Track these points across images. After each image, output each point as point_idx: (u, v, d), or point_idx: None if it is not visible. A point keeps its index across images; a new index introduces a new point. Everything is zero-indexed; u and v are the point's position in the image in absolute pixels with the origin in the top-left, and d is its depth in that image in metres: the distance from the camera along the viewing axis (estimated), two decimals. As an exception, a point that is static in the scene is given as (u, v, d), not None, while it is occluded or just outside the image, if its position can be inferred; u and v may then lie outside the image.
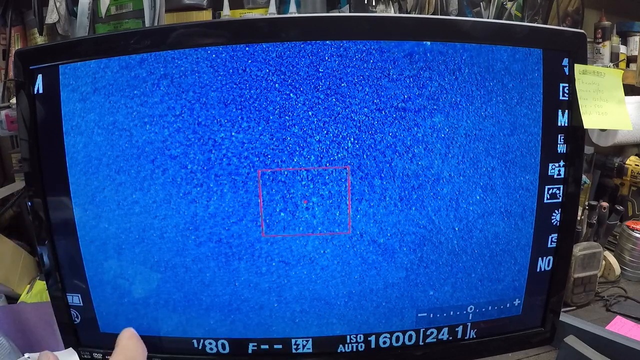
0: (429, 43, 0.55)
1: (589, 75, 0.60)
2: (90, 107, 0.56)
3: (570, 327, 0.76)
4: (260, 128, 0.55)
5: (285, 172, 0.56)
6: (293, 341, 0.62)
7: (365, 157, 0.56)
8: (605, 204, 1.03)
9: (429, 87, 0.56)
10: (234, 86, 0.54)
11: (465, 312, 0.63)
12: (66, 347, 0.63)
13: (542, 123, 0.59)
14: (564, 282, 0.66)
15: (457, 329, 0.64)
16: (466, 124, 0.57)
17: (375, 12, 1.10)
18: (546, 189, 0.61)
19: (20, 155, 0.64)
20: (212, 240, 0.58)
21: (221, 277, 0.59)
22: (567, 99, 0.59)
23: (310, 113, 0.55)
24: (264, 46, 0.54)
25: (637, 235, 1.05)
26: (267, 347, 0.62)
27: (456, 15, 1.17)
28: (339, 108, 0.55)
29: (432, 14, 1.14)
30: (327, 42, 0.54)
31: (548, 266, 0.64)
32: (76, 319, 0.62)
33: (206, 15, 1.08)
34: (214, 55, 0.54)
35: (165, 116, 0.55)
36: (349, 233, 0.58)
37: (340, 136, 0.56)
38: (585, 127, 0.59)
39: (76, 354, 0.63)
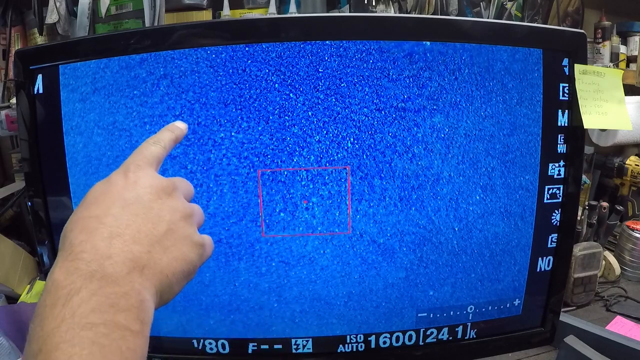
0: (428, 43, 0.55)
1: (589, 75, 0.60)
2: (90, 107, 0.56)
3: (570, 327, 0.76)
4: (260, 128, 0.55)
5: (285, 172, 0.56)
6: (293, 341, 0.62)
7: (365, 157, 0.56)
8: (605, 204, 1.03)
9: (429, 87, 0.56)
10: (234, 86, 0.54)
11: (465, 312, 0.63)
12: (66, 347, 0.63)
13: (542, 123, 0.59)
14: (564, 282, 0.66)
15: (457, 329, 0.64)
16: (466, 124, 0.57)
17: (375, 12, 1.10)
18: (546, 189, 0.61)
19: (20, 155, 0.64)
20: (212, 240, 0.58)
21: (221, 277, 0.59)
22: (567, 99, 0.59)
23: (310, 113, 0.55)
24: (264, 46, 0.54)
25: (637, 235, 1.05)
26: (267, 347, 0.62)
27: (456, 15, 1.17)
28: (338, 108, 0.55)
29: (432, 14, 1.14)
30: (327, 42, 0.54)
31: (548, 266, 0.64)
32: (76, 319, 0.62)
33: (206, 15, 1.08)
34: (213, 56, 0.54)
35: (165, 116, 0.55)
36: (349, 233, 0.58)
37: (340, 136, 0.56)
38: (585, 127, 0.59)
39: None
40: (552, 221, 0.62)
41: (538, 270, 0.63)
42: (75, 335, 0.26)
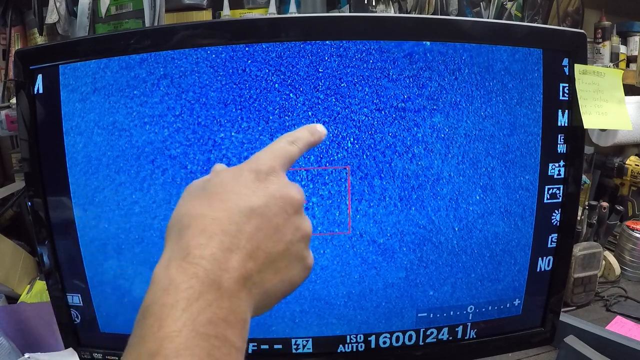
0: (428, 43, 0.55)
1: (589, 75, 0.60)
2: (90, 107, 0.56)
3: (570, 327, 0.76)
4: (260, 128, 0.55)
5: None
6: (293, 341, 0.62)
7: (365, 157, 0.56)
8: (605, 204, 1.03)
9: (429, 87, 0.56)
10: (234, 86, 0.54)
11: (465, 312, 0.63)
12: (66, 347, 0.63)
13: (542, 123, 0.59)
14: (564, 282, 0.66)
15: (457, 329, 0.64)
16: (466, 124, 0.57)
17: (375, 12, 1.10)
18: (546, 189, 0.61)
19: (20, 155, 0.64)
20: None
21: (221, 277, 0.59)
22: (567, 99, 0.59)
23: (310, 113, 0.55)
24: (264, 46, 0.54)
25: (637, 235, 1.05)
26: (267, 347, 0.62)
27: (456, 15, 1.17)
28: (338, 108, 0.55)
29: (432, 14, 1.14)
30: (327, 42, 0.54)
31: (548, 266, 0.64)
32: (76, 319, 0.62)
33: (206, 15, 1.08)
34: (213, 56, 0.54)
35: (165, 116, 0.55)
36: (349, 233, 0.58)
37: (340, 136, 0.56)
38: (585, 127, 0.59)
39: (76, 354, 0.63)
40: (552, 221, 0.62)
41: (538, 270, 0.63)
42: (196, 344, 0.26)
